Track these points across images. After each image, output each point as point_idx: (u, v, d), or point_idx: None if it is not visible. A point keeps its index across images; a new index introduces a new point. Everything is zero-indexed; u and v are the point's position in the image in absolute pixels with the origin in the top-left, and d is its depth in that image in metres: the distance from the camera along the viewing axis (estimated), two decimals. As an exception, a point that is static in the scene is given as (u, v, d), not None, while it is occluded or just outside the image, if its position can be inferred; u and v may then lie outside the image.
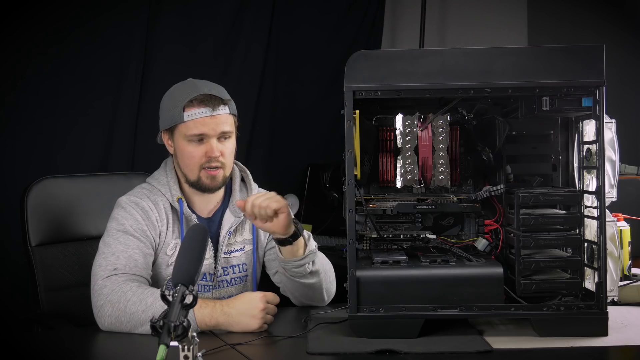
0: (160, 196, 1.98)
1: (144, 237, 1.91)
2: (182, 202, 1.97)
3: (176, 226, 1.97)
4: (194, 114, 1.91)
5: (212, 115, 1.91)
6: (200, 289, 1.98)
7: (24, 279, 2.23)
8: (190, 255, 1.36)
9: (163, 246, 1.95)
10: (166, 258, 1.95)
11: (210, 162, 1.94)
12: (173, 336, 1.18)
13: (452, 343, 1.59)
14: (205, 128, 1.91)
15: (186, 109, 1.91)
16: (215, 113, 1.91)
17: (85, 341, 1.81)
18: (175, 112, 1.93)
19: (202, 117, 1.91)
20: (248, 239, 2.06)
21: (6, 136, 2.88)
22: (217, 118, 1.92)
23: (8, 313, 2.63)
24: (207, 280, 1.99)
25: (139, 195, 1.97)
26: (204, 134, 1.92)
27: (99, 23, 3.05)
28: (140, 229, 1.91)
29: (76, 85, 3.02)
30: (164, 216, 1.96)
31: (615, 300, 1.89)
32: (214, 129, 1.92)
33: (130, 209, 1.94)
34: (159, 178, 2.02)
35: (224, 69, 3.43)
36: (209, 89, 1.94)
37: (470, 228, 1.88)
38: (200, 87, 1.94)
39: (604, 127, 1.63)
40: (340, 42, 3.86)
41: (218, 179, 1.97)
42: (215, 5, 3.42)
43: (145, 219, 1.93)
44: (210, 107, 1.91)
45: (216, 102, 1.92)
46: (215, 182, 1.97)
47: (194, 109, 1.91)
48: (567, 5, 3.82)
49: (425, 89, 1.65)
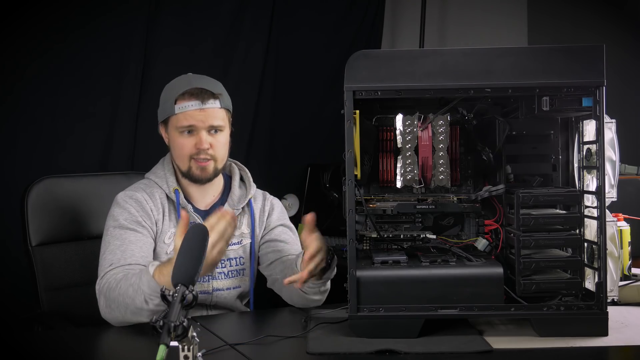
0: (157, 188, 2.03)
1: (139, 227, 1.95)
2: (179, 192, 2.02)
3: (173, 215, 2.01)
4: (184, 106, 1.96)
5: (202, 109, 1.96)
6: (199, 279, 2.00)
7: (24, 278, 2.24)
8: (190, 255, 1.36)
9: (160, 234, 1.99)
10: (164, 247, 1.99)
11: (199, 153, 1.99)
12: (173, 336, 1.18)
13: (452, 343, 1.59)
14: (194, 120, 1.96)
15: (177, 101, 1.97)
16: (205, 106, 1.96)
17: (85, 341, 1.81)
18: (168, 104, 1.99)
19: (191, 110, 1.96)
20: (246, 233, 2.09)
21: (6, 136, 2.89)
22: (206, 111, 1.96)
23: (8, 313, 2.63)
24: None
25: (134, 189, 2.02)
26: (193, 126, 1.97)
27: (99, 23, 3.05)
28: (135, 221, 1.95)
29: (76, 86, 3.02)
30: (160, 206, 2.01)
31: (615, 300, 1.89)
32: (203, 121, 1.96)
33: (124, 203, 1.99)
34: (156, 172, 2.08)
35: (224, 69, 3.43)
36: (201, 83, 1.99)
37: (470, 228, 1.88)
38: (192, 81, 2.00)
39: (604, 127, 1.63)
40: (340, 42, 3.86)
41: (208, 170, 2.01)
42: (215, 6, 3.42)
43: (139, 209, 1.97)
44: (199, 100, 1.96)
45: (206, 96, 1.96)
46: (205, 173, 2.01)
47: (184, 101, 1.96)
48: (567, 5, 3.82)
49: (425, 89, 1.65)
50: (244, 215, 2.10)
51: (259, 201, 2.15)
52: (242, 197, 2.11)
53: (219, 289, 2.04)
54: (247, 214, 2.11)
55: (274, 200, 2.18)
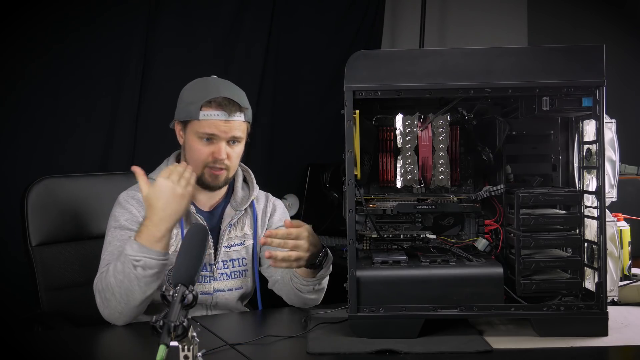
0: None
1: None
2: None
3: None
4: (209, 114, 1.94)
5: (227, 120, 1.95)
6: (200, 279, 2.01)
7: (24, 278, 2.23)
8: (190, 255, 1.36)
9: None
10: None
11: (216, 162, 1.98)
12: (173, 336, 1.18)
13: (452, 343, 1.59)
14: (217, 130, 1.95)
15: (203, 107, 1.95)
16: (231, 119, 1.96)
17: (85, 341, 1.81)
18: (192, 108, 1.96)
19: (216, 120, 1.95)
20: (249, 234, 2.09)
21: (6, 136, 2.88)
22: (231, 123, 1.96)
23: (8, 313, 2.63)
24: (207, 271, 2.03)
25: (137, 189, 2.01)
26: (215, 135, 1.96)
27: (99, 23, 3.05)
28: (136, 221, 1.94)
29: (76, 86, 3.02)
30: None
31: (615, 300, 1.89)
32: (225, 132, 1.96)
33: (125, 203, 1.99)
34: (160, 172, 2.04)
35: (224, 69, 3.43)
36: (229, 93, 1.98)
37: (470, 228, 1.88)
38: (221, 89, 1.98)
39: (604, 127, 1.63)
40: (340, 42, 3.86)
41: (220, 179, 2.01)
42: (215, 6, 3.42)
43: (140, 210, 1.97)
44: (226, 112, 1.95)
45: (234, 109, 1.95)
46: (217, 181, 2.01)
47: (211, 110, 1.95)
48: (567, 5, 3.82)
49: (425, 89, 1.65)
50: (247, 216, 2.10)
51: (262, 202, 2.15)
52: (244, 199, 2.11)
53: (220, 290, 2.04)
54: (250, 215, 2.11)
55: (276, 202, 2.19)
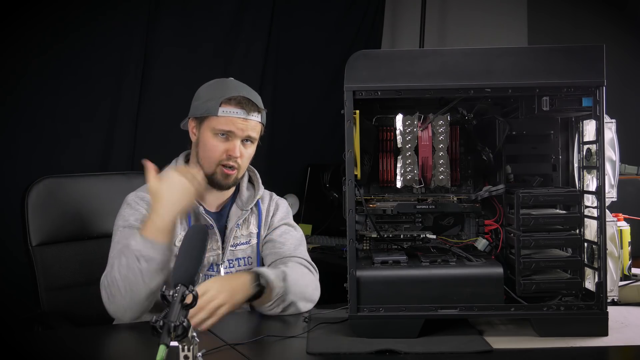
0: None
1: None
2: None
3: (184, 218, 2.01)
4: (229, 111, 1.98)
5: (245, 119, 1.99)
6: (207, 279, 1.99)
7: (24, 278, 2.23)
8: (190, 255, 1.36)
9: None
10: (175, 249, 1.97)
11: (229, 160, 2.01)
12: (173, 336, 1.18)
13: (452, 343, 1.59)
14: (235, 127, 1.99)
15: (223, 104, 1.99)
16: (248, 118, 2.00)
17: (85, 341, 1.81)
18: (211, 104, 1.99)
19: (235, 117, 1.98)
20: (254, 233, 2.11)
21: (7, 136, 2.89)
22: (248, 122, 2.00)
23: (8, 313, 2.63)
24: (214, 271, 2.03)
25: (145, 190, 2.00)
26: (232, 132, 1.99)
27: (99, 23, 3.05)
28: None
29: (76, 86, 3.03)
30: None
31: (615, 300, 1.89)
32: (242, 130, 1.99)
33: (135, 204, 1.99)
34: None
35: (224, 68, 3.43)
36: (249, 94, 2.03)
37: (470, 228, 1.87)
38: (240, 89, 2.03)
39: (604, 127, 1.63)
40: (340, 42, 3.87)
41: (231, 179, 2.04)
42: (216, 6, 3.42)
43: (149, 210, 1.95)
44: (245, 110, 1.99)
45: (252, 108, 2.00)
46: (227, 181, 2.04)
47: (230, 107, 1.99)
48: (567, 5, 3.82)
49: (425, 89, 1.65)
50: (252, 216, 2.11)
51: (266, 202, 2.16)
52: (250, 198, 2.12)
53: None
54: (255, 214, 2.12)
55: (280, 201, 2.19)
